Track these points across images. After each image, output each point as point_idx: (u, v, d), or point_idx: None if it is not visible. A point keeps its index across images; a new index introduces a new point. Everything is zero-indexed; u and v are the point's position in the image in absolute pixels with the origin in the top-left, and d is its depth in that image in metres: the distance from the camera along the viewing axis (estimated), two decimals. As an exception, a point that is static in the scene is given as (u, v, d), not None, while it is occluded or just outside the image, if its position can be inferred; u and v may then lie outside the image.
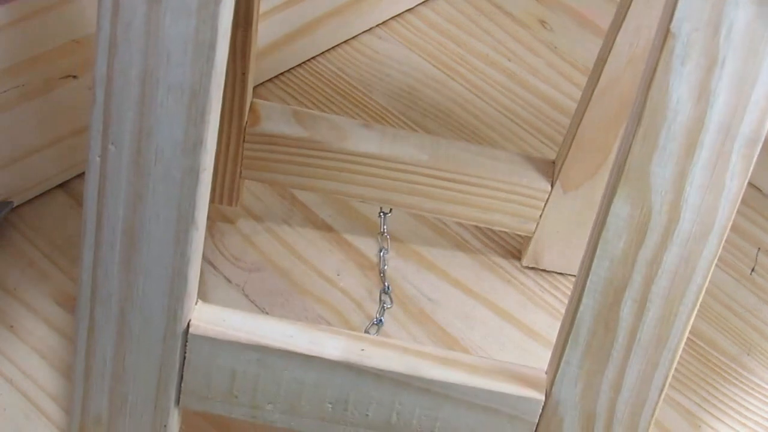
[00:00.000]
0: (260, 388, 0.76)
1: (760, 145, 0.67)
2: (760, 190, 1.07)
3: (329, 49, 1.12)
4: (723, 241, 0.69)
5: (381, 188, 0.92)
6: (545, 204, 0.92)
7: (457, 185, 0.91)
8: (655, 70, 0.65)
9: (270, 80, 1.09)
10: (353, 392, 0.75)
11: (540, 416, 0.75)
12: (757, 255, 1.03)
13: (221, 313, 0.75)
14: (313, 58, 1.11)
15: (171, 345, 0.74)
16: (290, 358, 0.74)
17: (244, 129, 0.90)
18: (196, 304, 0.74)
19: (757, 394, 0.94)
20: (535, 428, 0.76)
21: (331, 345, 0.75)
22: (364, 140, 0.91)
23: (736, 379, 0.94)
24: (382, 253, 0.97)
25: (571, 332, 0.72)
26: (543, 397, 0.75)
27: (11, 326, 0.88)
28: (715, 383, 0.94)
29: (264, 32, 1.05)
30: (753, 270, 1.02)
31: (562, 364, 0.73)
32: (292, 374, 0.75)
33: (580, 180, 0.91)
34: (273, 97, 1.08)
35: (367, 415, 0.76)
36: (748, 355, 0.96)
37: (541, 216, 0.93)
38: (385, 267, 0.97)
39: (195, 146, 0.67)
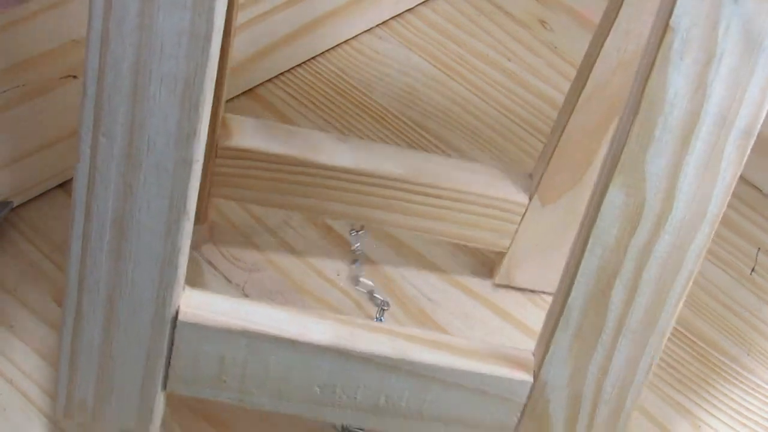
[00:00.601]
0: (248, 372, 0.76)
1: (755, 137, 0.68)
2: (760, 190, 1.07)
3: (329, 49, 1.12)
4: (715, 229, 0.70)
5: (355, 204, 0.90)
6: (522, 218, 0.91)
7: (432, 199, 0.90)
8: (653, 64, 0.66)
9: (270, 80, 1.09)
10: (342, 376, 0.76)
11: (528, 397, 0.76)
12: (757, 255, 1.03)
13: (209, 298, 0.75)
14: (313, 58, 1.11)
15: (159, 331, 0.74)
16: (279, 344, 0.75)
17: (216, 144, 0.88)
18: (183, 290, 0.74)
19: (757, 394, 0.94)
20: (522, 409, 0.77)
21: (319, 330, 0.75)
22: (339, 154, 0.89)
23: (736, 379, 0.95)
24: (356, 265, 0.97)
25: (561, 317, 0.73)
26: (531, 379, 0.76)
27: (11, 326, 0.88)
28: (715, 383, 0.94)
29: (264, 32, 1.05)
30: (753, 270, 1.02)
31: (552, 347, 0.74)
32: (280, 359, 0.75)
33: (560, 192, 0.89)
34: (273, 97, 1.08)
35: (356, 398, 0.77)
36: (748, 355, 0.96)
37: (516, 231, 0.91)
38: (362, 279, 0.96)
39: (188, 137, 0.67)
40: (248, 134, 0.89)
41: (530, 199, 0.90)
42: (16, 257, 0.92)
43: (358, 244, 0.96)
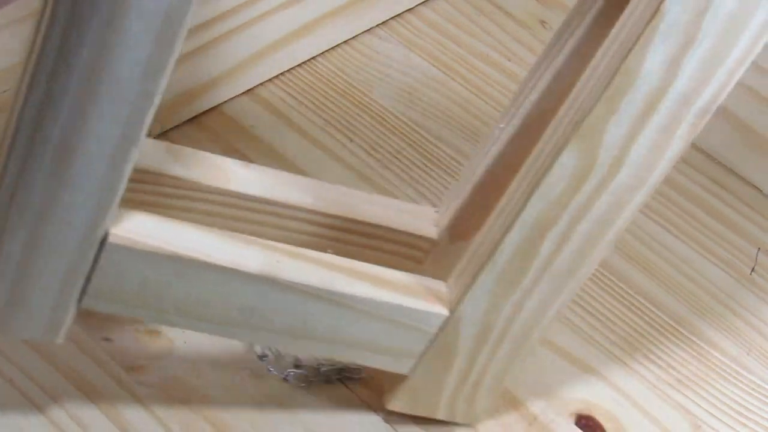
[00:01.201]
0: (170, 294, 0.76)
1: (711, 113, 0.70)
2: (760, 190, 1.07)
3: (329, 49, 1.12)
4: (653, 192, 0.73)
5: (260, 236, 0.82)
6: (428, 256, 0.85)
7: (338, 233, 0.84)
8: (635, 43, 0.67)
9: (270, 80, 1.09)
10: (264, 301, 0.77)
11: (440, 328, 0.79)
12: (757, 255, 1.03)
13: (140, 221, 0.75)
14: (313, 58, 1.11)
15: (84, 252, 0.73)
16: (206, 269, 0.75)
17: None
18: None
19: (757, 394, 0.94)
20: (432, 338, 0.79)
21: (248, 256, 0.76)
22: (245, 181, 0.83)
23: (736, 379, 0.94)
24: None
25: (489, 261, 0.76)
26: (448, 313, 0.78)
27: (11, 326, 0.88)
28: (715, 383, 0.94)
29: (264, 32, 1.05)
30: (753, 270, 1.02)
31: (474, 286, 0.77)
32: (205, 284, 0.76)
33: (473, 228, 0.83)
34: (273, 97, 1.08)
35: (273, 321, 0.78)
36: (748, 355, 0.96)
37: (422, 271, 0.84)
38: None
39: (156, 72, 0.66)
40: (145, 154, 0.81)
41: (439, 235, 0.84)
42: (16, 257, 0.92)
43: None
